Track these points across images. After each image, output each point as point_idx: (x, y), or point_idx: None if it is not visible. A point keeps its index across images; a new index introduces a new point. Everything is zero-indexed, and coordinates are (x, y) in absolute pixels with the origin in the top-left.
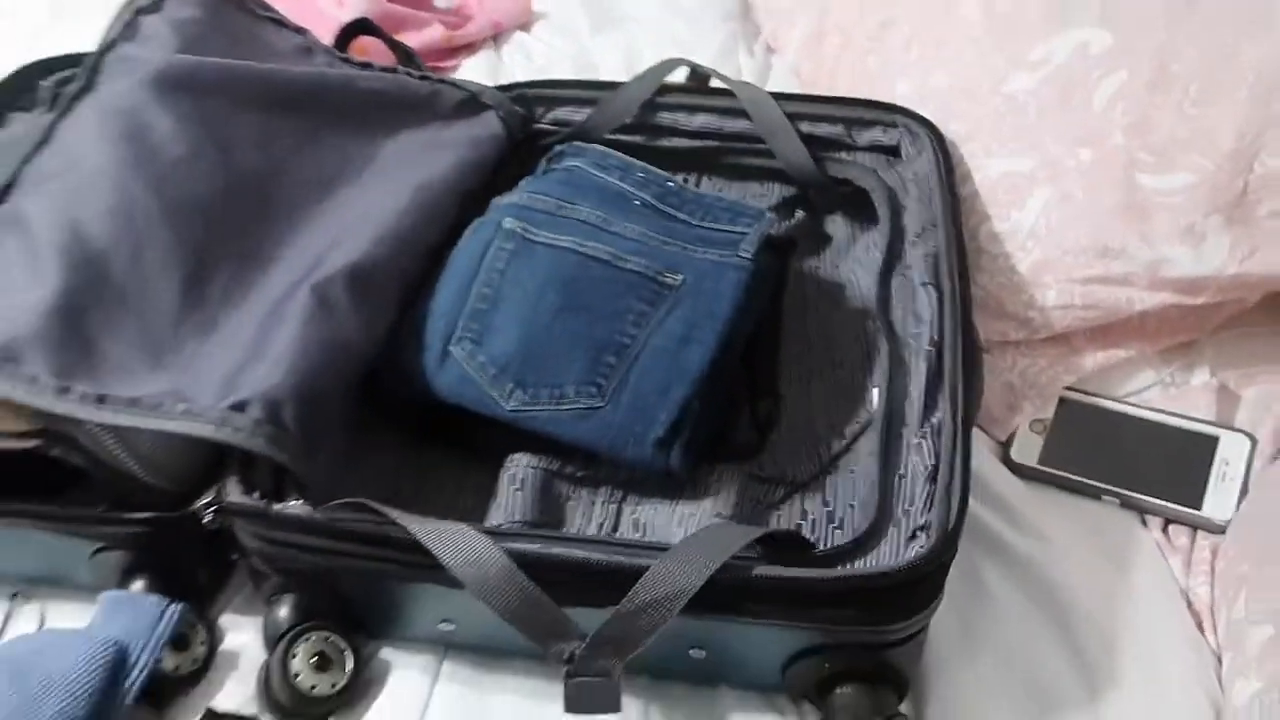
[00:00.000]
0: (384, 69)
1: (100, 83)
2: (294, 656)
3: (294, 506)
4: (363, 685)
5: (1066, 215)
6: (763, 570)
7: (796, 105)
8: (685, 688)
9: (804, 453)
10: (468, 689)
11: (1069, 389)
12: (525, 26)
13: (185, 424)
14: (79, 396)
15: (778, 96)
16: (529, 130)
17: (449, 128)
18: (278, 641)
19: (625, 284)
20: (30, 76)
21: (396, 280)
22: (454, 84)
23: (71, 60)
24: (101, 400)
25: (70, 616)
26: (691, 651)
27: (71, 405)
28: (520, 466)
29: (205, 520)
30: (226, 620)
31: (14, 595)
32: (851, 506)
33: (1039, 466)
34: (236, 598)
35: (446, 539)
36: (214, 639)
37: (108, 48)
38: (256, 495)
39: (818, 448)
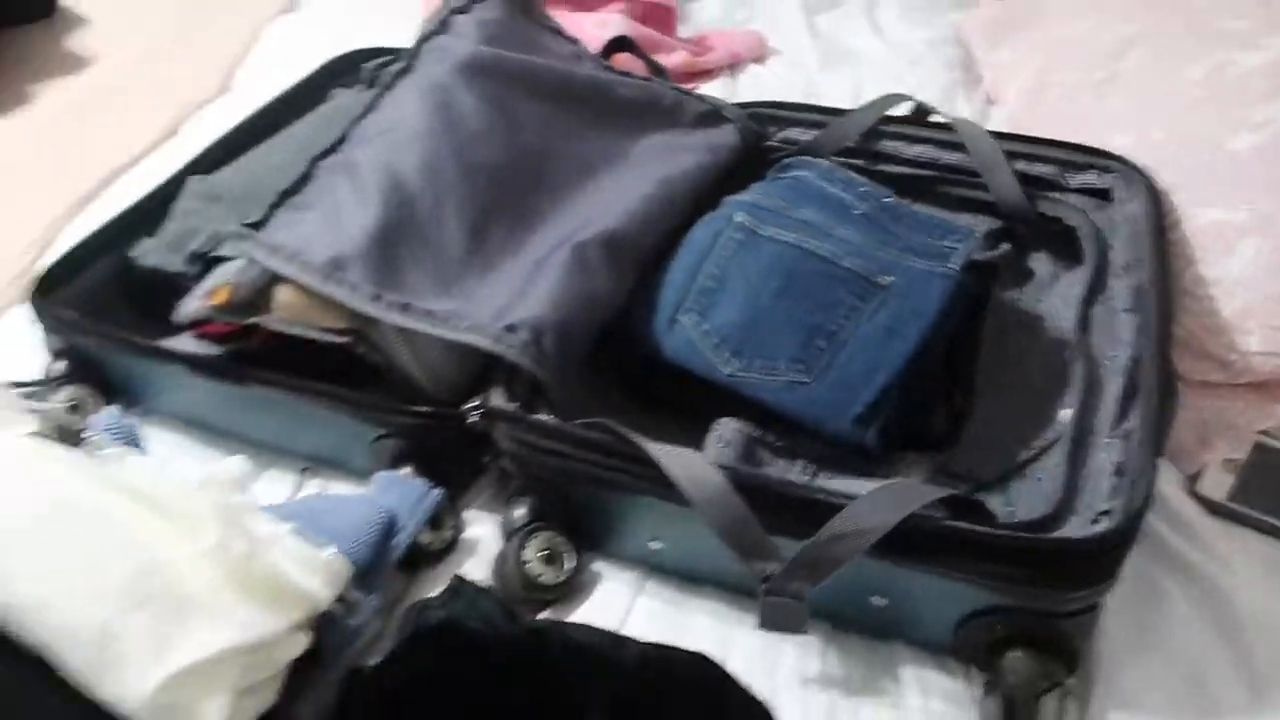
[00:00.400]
0: (641, 79)
1: (418, 66)
2: (527, 548)
3: (545, 418)
4: (577, 585)
5: (1275, 264)
6: (953, 523)
7: (1013, 144)
8: (862, 639)
9: (992, 456)
10: (667, 605)
11: (1264, 432)
12: (760, 59)
13: (469, 335)
14: (387, 304)
15: (995, 135)
16: (760, 144)
17: (691, 134)
18: (514, 533)
19: (840, 280)
20: (351, 61)
21: (638, 253)
22: (699, 97)
23: (381, 51)
24: (405, 308)
25: (345, 493)
26: (872, 599)
27: (381, 310)
28: (726, 428)
29: (471, 420)
30: (470, 515)
31: (303, 470)
32: (1033, 509)
33: (1227, 503)
34: (481, 496)
35: (674, 457)
36: (460, 525)
37: (426, 38)
38: (516, 405)
39: (1006, 454)
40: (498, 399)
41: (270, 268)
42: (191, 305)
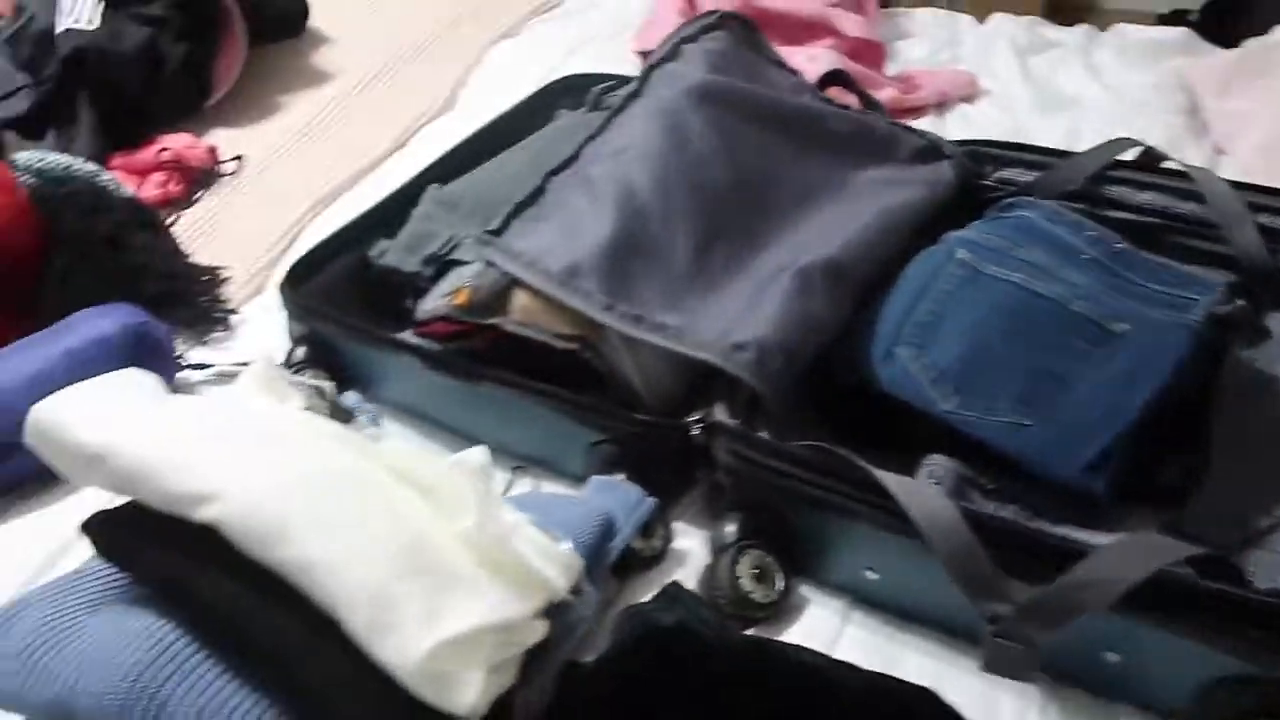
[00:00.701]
0: (858, 112)
1: (647, 90)
2: (739, 563)
3: (767, 436)
4: (785, 607)
5: None
6: (1207, 582)
7: (1254, 196)
8: (1085, 697)
9: (1224, 520)
10: (875, 636)
11: None
12: (969, 99)
13: (698, 351)
14: (620, 314)
15: (1235, 185)
16: (977, 182)
17: (909, 169)
18: (725, 549)
19: (1069, 323)
20: (569, 86)
21: (856, 282)
22: (917, 132)
23: (600, 77)
24: (638, 320)
25: (556, 493)
26: (1105, 654)
27: (614, 319)
28: (939, 465)
29: (693, 433)
30: (677, 526)
31: (515, 468)
32: (1274, 580)
33: None
34: (689, 510)
35: (905, 486)
36: (670, 534)
37: (656, 65)
38: (738, 421)
39: (1243, 519)
40: (720, 414)
41: (510, 273)
42: (432, 303)
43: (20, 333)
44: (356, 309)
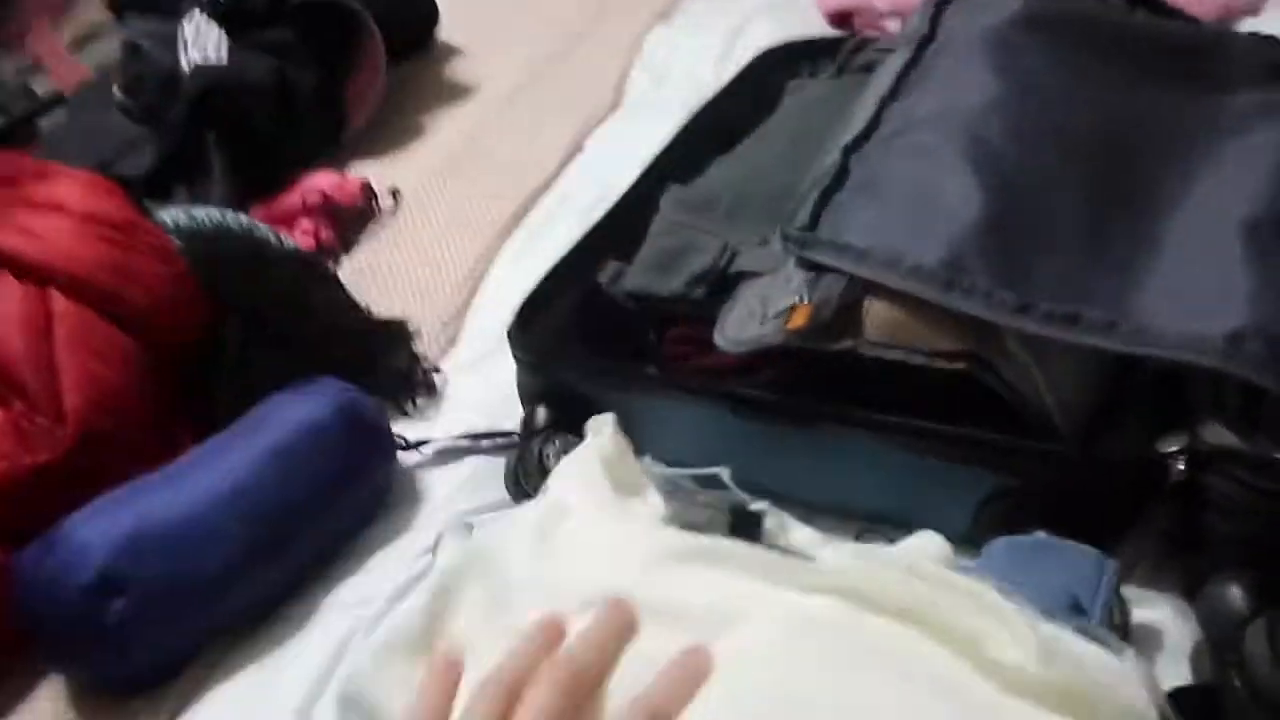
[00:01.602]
0: (1196, 22)
1: (943, 33)
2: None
3: None
4: None
5: None
6: None
7: None
8: None
9: None
10: None
11: None
12: (1254, 11)
13: (1178, 353)
14: (1044, 315)
15: None
16: None
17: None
18: (1251, 619)
19: None
20: (790, 53)
21: None
22: (1271, 40)
23: (820, 42)
24: (1073, 321)
25: None
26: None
27: (1035, 323)
28: None
29: (1178, 467)
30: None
31: (862, 533)
32: None
33: None
34: (1134, 568)
35: None
36: (1126, 607)
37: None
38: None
39: None
40: (1216, 435)
41: (862, 277)
42: (739, 330)
43: (196, 433)
44: (590, 351)
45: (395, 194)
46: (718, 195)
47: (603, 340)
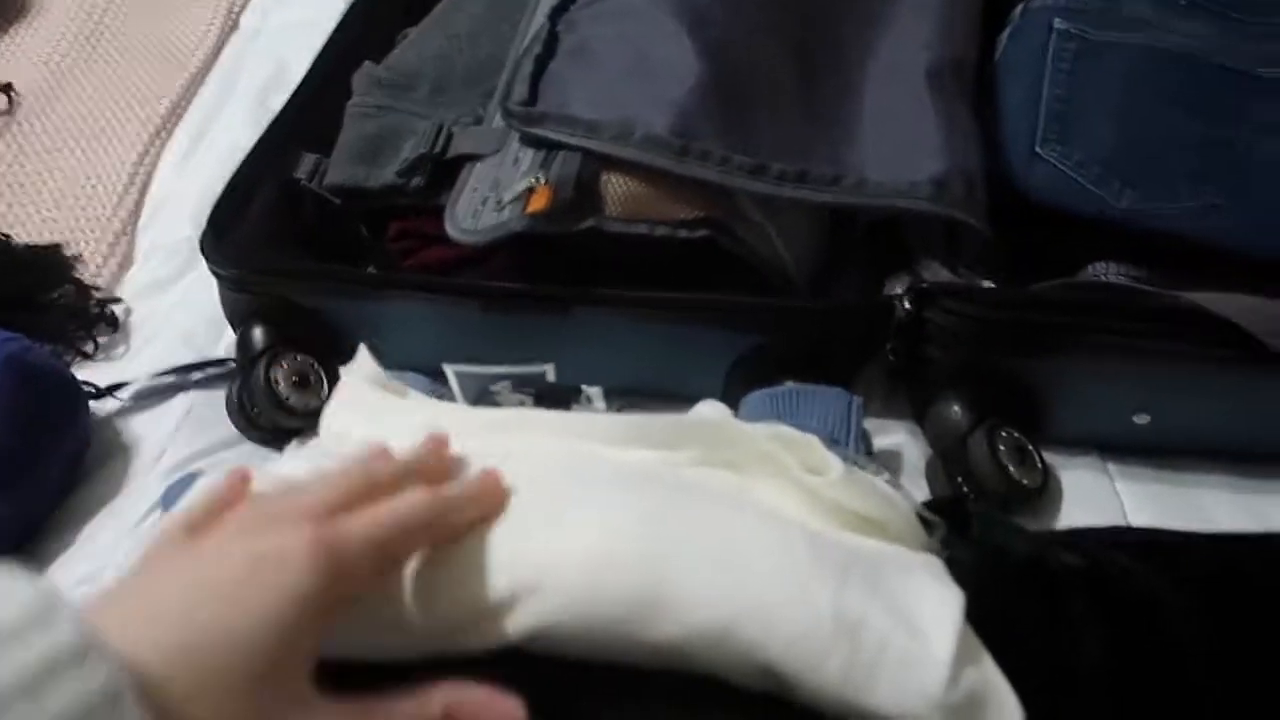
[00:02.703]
0: None
1: None
2: (998, 447)
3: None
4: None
5: None
6: None
7: None
8: None
9: None
10: (1159, 485)
11: None
12: None
13: (894, 200)
14: (777, 176)
15: None
16: None
17: None
18: (970, 432)
19: (1218, 79)
20: None
21: (969, 75)
22: None
23: None
24: (801, 178)
25: None
26: None
27: (770, 185)
28: (1107, 273)
29: (905, 307)
30: None
31: (619, 409)
32: None
33: None
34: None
35: (1212, 298)
36: (868, 436)
37: None
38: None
39: None
40: (933, 273)
41: (596, 151)
42: (471, 219)
43: None
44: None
45: (9, 91)
46: (418, 71)
47: (309, 243)
